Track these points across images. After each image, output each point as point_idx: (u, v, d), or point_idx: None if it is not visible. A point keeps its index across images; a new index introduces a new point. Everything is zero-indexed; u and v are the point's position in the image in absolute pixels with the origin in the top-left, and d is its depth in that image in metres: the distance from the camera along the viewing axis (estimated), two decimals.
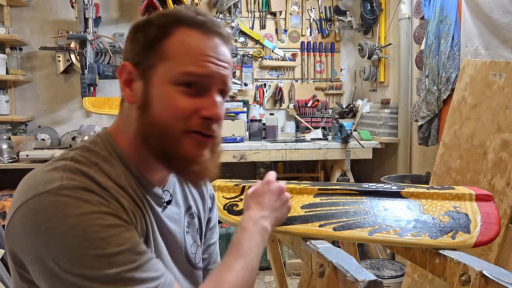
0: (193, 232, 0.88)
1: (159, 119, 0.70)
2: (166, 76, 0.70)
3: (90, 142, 0.74)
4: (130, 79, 0.73)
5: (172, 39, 0.71)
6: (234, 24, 3.51)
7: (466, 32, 2.30)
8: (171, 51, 0.70)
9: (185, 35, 0.71)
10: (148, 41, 0.72)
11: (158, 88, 0.70)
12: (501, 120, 1.86)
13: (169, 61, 0.70)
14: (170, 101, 0.69)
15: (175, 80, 0.69)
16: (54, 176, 0.64)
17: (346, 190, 1.20)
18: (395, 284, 2.33)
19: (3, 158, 2.72)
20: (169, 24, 0.71)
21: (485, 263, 0.90)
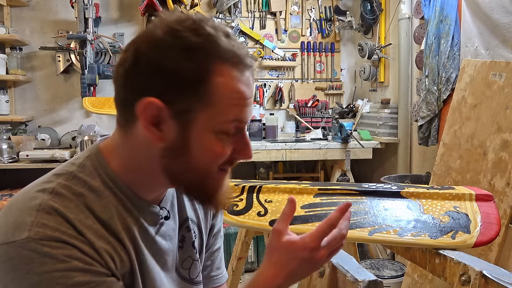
0: (187, 246, 0.84)
1: (199, 164, 0.67)
2: (210, 124, 0.64)
3: (79, 166, 0.69)
4: (158, 120, 0.64)
5: (213, 81, 0.62)
6: (234, 24, 3.51)
7: (466, 32, 2.30)
8: (214, 97, 0.63)
9: (226, 76, 0.63)
10: (187, 80, 0.62)
11: (199, 135, 0.65)
12: (501, 120, 1.86)
13: (213, 107, 0.63)
14: (212, 149, 0.66)
15: (219, 129, 0.65)
16: (25, 221, 0.61)
17: (346, 190, 1.20)
18: (395, 284, 2.33)
19: (3, 158, 2.72)
20: (210, 62, 0.62)
21: (485, 263, 0.90)
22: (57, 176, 0.67)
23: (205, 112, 0.63)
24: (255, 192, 1.22)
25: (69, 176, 0.67)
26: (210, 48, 0.62)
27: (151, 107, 0.62)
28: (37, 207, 0.62)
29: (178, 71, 0.61)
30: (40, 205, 0.62)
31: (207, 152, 0.66)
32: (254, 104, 3.53)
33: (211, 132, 0.65)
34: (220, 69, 0.63)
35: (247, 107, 0.67)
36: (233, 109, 0.65)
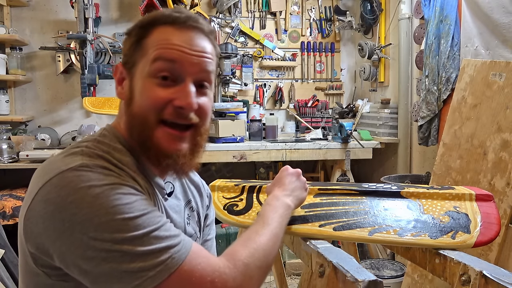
0: (193, 224, 0.92)
1: (138, 110, 0.75)
2: (144, 70, 0.75)
3: (99, 135, 0.78)
4: (121, 78, 0.80)
5: (150, 37, 0.76)
6: (234, 24, 3.51)
7: (466, 32, 2.30)
8: (147, 47, 0.76)
9: (161, 32, 0.76)
10: (132, 42, 0.78)
11: (138, 82, 0.76)
12: (501, 120, 1.86)
13: (146, 56, 0.75)
14: (147, 93, 0.74)
15: (150, 73, 0.74)
16: (74, 159, 0.68)
17: (346, 190, 1.20)
18: (395, 284, 2.33)
19: (3, 158, 2.72)
20: (147, 24, 0.77)
21: (485, 263, 0.90)
22: (83, 142, 0.76)
23: (142, 61, 0.76)
24: (255, 192, 1.22)
25: (94, 141, 0.76)
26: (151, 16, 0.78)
27: (117, 70, 0.80)
28: (81, 152, 0.71)
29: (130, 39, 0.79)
30: (82, 151, 0.71)
31: (143, 96, 0.75)
32: (254, 104, 3.53)
33: (146, 77, 0.75)
34: (158, 28, 0.77)
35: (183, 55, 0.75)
36: (159, 51, 0.75)
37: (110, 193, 0.64)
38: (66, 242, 0.63)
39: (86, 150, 0.71)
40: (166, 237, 0.66)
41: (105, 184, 0.65)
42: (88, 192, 0.63)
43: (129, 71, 0.78)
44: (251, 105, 3.49)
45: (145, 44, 0.76)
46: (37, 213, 0.65)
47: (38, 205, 0.65)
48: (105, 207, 0.63)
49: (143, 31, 0.77)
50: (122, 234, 0.62)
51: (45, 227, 0.65)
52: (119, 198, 0.64)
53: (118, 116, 0.83)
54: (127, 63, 0.79)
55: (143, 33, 0.77)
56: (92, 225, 0.62)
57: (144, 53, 0.76)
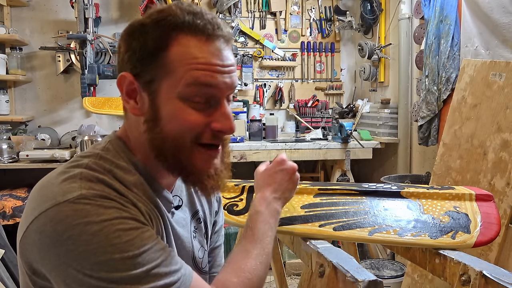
0: (200, 236, 0.88)
1: (171, 134, 0.69)
2: (172, 91, 0.68)
3: (102, 149, 0.73)
4: (132, 90, 0.70)
5: (172, 50, 0.67)
6: (234, 24, 3.51)
7: (466, 32, 2.30)
8: (173, 64, 0.67)
9: (185, 44, 0.67)
10: (146, 53, 0.68)
11: (166, 104, 0.68)
12: (501, 120, 1.85)
13: (173, 74, 0.67)
14: (182, 116, 0.68)
15: (182, 96, 0.68)
16: (72, 186, 0.64)
17: (346, 190, 1.20)
18: (395, 284, 2.33)
19: (3, 158, 2.72)
20: (167, 33, 0.67)
21: (485, 263, 0.90)
22: (85, 157, 0.71)
23: (167, 79, 0.68)
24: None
25: (96, 156, 0.71)
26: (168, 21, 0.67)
27: (124, 80, 0.70)
28: (79, 176, 0.66)
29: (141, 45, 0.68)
30: (81, 174, 0.66)
31: (176, 120, 0.68)
32: (254, 104, 3.53)
33: (176, 99, 0.68)
34: (179, 38, 0.67)
35: (219, 76, 0.68)
36: (193, 73, 0.67)
37: (108, 230, 0.61)
38: (62, 274, 0.62)
39: (85, 173, 0.66)
40: (166, 273, 0.64)
41: (104, 220, 0.61)
42: (85, 229, 0.60)
43: (146, 87, 0.69)
44: (251, 105, 3.48)
45: (166, 59, 0.67)
46: (33, 242, 0.64)
47: (33, 235, 0.63)
48: (103, 245, 0.60)
49: (160, 40, 0.67)
50: (120, 274, 0.60)
51: (41, 257, 0.63)
52: (118, 236, 0.61)
53: (128, 126, 0.76)
54: (140, 76, 0.69)
55: (160, 42, 0.67)
56: (89, 263, 0.60)
57: (168, 71, 0.67)
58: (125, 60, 0.70)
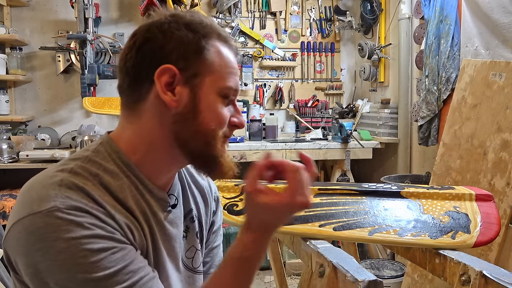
0: (191, 236, 0.87)
1: (208, 126, 0.73)
2: (214, 87, 0.73)
3: (93, 151, 0.74)
4: (171, 82, 0.71)
5: (212, 51, 0.73)
6: (234, 24, 3.51)
7: (466, 32, 2.30)
8: (215, 64, 0.73)
9: (220, 48, 0.75)
10: (191, 49, 0.72)
11: (207, 98, 0.73)
12: (501, 120, 1.85)
13: (215, 73, 0.73)
14: (218, 111, 0.74)
15: (220, 93, 0.74)
16: (49, 194, 0.64)
17: (346, 190, 1.20)
18: (395, 284, 2.33)
19: (3, 158, 2.71)
20: (209, 34, 0.74)
21: (485, 263, 0.90)
22: (73, 160, 0.72)
23: (210, 76, 0.73)
24: None
25: (85, 159, 0.72)
26: (207, 24, 0.74)
27: (167, 72, 0.71)
28: (59, 183, 0.66)
29: (184, 40, 0.71)
30: (62, 181, 0.66)
31: (214, 114, 0.74)
32: (254, 104, 3.52)
33: (216, 95, 0.74)
34: (213, 43, 0.74)
35: (237, 77, 0.77)
36: (230, 77, 0.75)
37: (75, 249, 0.61)
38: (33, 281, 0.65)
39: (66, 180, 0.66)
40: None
41: (72, 238, 0.62)
42: (54, 244, 0.61)
43: (187, 80, 0.72)
44: (251, 105, 3.49)
45: (209, 59, 0.73)
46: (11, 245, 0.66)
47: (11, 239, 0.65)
48: (68, 263, 0.61)
49: (204, 40, 0.73)
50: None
51: (16, 261, 0.66)
52: (84, 256, 0.62)
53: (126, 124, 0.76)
54: (184, 69, 0.71)
55: (203, 43, 0.73)
56: (54, 277, 0.62)
57: (212, 70, 0.73)
58: (164, 52, 0.71)
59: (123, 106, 0.77)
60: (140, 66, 0.72)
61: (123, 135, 0.76)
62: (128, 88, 0.74)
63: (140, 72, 0.72)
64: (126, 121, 0.76)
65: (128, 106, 0.76)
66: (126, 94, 0.75)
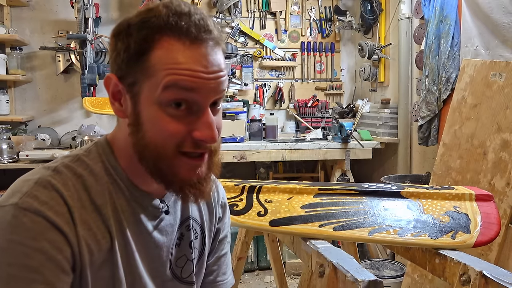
0: (184, 245, 0.83)
1: (152, 141, 0.66)
2: (152, 96, 0.65)
3: (85, 151, 0.73)
4: (117, 92, 0.69)
5: (154, 53, 0.64)
6: (234, 24, 3.51)
7: (466, 32, 2.30)
8: (153, 67, 0.64)
9: (167, 48, 0.64)
10: (130, 55, 0.66)
11: (146, 109, 0.66)
12: (501, 120, 1.86)
13: (153, 79, 0.64)
14: (160, 124, 0.65)
15: (161, 101, 0.65)
16: (21, 190, 0.65)
17: (346, 190, 1.20)
18: (395, 284, 2.33)
19: (3, 158, 2.72)
20: (150, 35, 0.65)
21: (485, 263, 0.90)
22: (64, 157, 0.72)
23: (147, 83, 0.66)
24: (255, 192, 1.22)
25: (74, 158, 0.71)
26: (153, 22, 0.65)
27: (109, 81, 0.69)
28: (36, 180, 0.66)
29: (125, 47, 0.66)
30: (39, 179, 0.66)
31: (157, 128, 0.66)
32: (254, 104, 3.52)
33: (155, 104, 0.65)
34: (163, 40, 0.65)
35: (200, 82, 0.64)
36: (171, 77, 0.64)
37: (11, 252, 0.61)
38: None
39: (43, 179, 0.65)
40: None
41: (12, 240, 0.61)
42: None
43: (129, 89, 0.67)
44: (251, 105, 3.48)
45: (148, 61, 0.64)
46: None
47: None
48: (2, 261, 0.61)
49: (143, 41, 0.65)
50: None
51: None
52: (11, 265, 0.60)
53: (117, 129, 0.74)
54: (124, 78, 0.67)
55: (144, 44, 0.65)
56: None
57: (149, 74, 0.65)
58: (111, 60, 0.70)
59: None
60: None
61: (117, 136, 0.74)
62: None
63: None
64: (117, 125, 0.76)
65: None
66: None
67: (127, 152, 0.71)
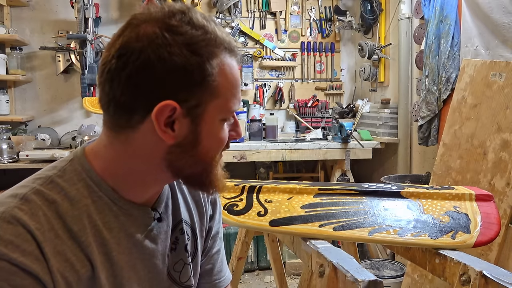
0: (180, 249, 0.82)
1: (208, 154, 0.69)
2: (218, 114, 0.67)
3: (59, 170, 0.68)
4: (171, 116, 0.63)
5: (217, 73, 0.64)
6: (234, 24, 3.51)
7: (466, 32, 2.30)
8: (220, 87, 0.65)
9: (227, 66, 0.66)
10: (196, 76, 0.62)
11: (209, 127, 0.66)
12: (501, 120, 1.86)
13: (219, 98, 0.65)
14: (217, 135, 0.68)
15: (224, 117, 0.68)
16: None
17: (346, 190, 1.20)
18: (395, 284, 2.33)
19: (3, 158, 2.72)
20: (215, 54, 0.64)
21: (485, 263, 0.90)
22: (35, 180, 0.66)
23: (214, 103, 0.65)
24: (255, 192, 1.22)
25: (46, 180, 0.66)
26: (212, 40, 0.63)
27: (166, 109, 0.62)
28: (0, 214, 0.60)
29: (186, 68, 0.61)
30: (2, 213, 0.60)
31: (215, 140, 0.68)
32: (254, 104, 3.53)
33: (219, 121, 0.68)
34: (220, 59, 0.65)
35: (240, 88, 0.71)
36: (236, 96, 0.68)
37: None
38: None
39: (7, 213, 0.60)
40: None
41: None
42: None
43: (189, 112, 0.64)
44: (251, 105, 3.49)
45: (214, 84, 0.64)
46: None
47: None
48: None
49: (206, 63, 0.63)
50: None
51: None
52: None
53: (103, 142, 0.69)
54: (187, 101, 0.63)
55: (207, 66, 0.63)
56: None
57: (216, 95, 0.64)
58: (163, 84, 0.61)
59: (105, 123, 0.68)
60: (132, 97, 0.62)
61: (101, 153, 0.69)
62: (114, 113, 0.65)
63: (131, 103, 0.63)
64: (107, 139, 0.68)
65: (111, 127, 0.67)
66: (110, 115, 0.66)
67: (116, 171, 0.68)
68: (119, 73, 0.62)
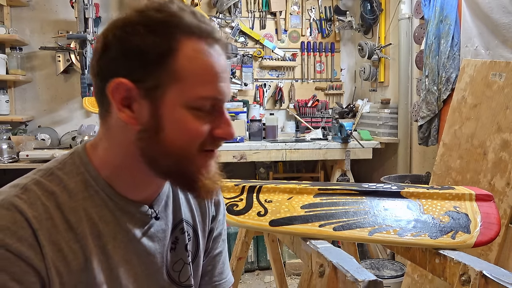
0: (180, 249, 0.82)
1: (175, 144, 0.65)
2: (180, 99, 0.64)
3: (60, 163, 0.69)
4: (129, 98, 0.63)
5: (180, 55, 0.62)
6: (234, 24, 3.51)
7: (466, 32, 2.30)
8: (182, 71, 0.63)
9: (194, 50, 0.63)
10: (152, 55, 0.62)
11: (170, 112, 0.64)
12: (501, 120, 1.86)
13: (182, 82, 0.63)
14: (186, 126, 0.65)
15: (189, 105, 0.64)
16: None
17: (346, 190, 1.20)
18: (395, 284, 2.33)
19: (3, 158, 2.72)
20: (175, 35, 0.62)
21: (485, 263, 0.90)
22: (36, 172, 0.68)
23: (175, 86, 0.63)
24: (255, 192, 1.22)
25: (47, 172, 0.68)
26: (174, 22, 0.63)
27: (120, 87, 0.63)
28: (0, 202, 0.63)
29: (143, 47, 0.62)
30: (2, 201, 0.63)
31: (182, 130, 0.65)
32: (254, 104, 3.53)
33: (183, 108, 0.64)
34: (186, 43, 0.63)
35: (221, 83, 0.66)
36: (207, 84, 0.65)
37: None
38: None
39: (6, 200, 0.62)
40: None
41: None
42: None
43: (147, 93, 0.63)
44: (251, 105, 3.49)
45: (176, 65, 0.62)
46: None
47: None
48: None
49: (168, 43, 0.62)
50: None
51: None
52: None
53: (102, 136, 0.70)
54: (141, 81, 0.63)
55: (169, 46, 0.62)
56: None
57: (177, 78, 0.63)
58: (118, 63, 0.63)
59: (99, 113, 0.70)
60: (100, 78, 0.65)
61: (98, 146, 0.71)
62: (97, 102, 0.68)
63: (101, 87, 0.65)
64: (101, 131, 0.70)
65: (101, 114, 0.69)
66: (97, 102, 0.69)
67: (111, 162, 0.69)
68: (94, 54, 0.66)
